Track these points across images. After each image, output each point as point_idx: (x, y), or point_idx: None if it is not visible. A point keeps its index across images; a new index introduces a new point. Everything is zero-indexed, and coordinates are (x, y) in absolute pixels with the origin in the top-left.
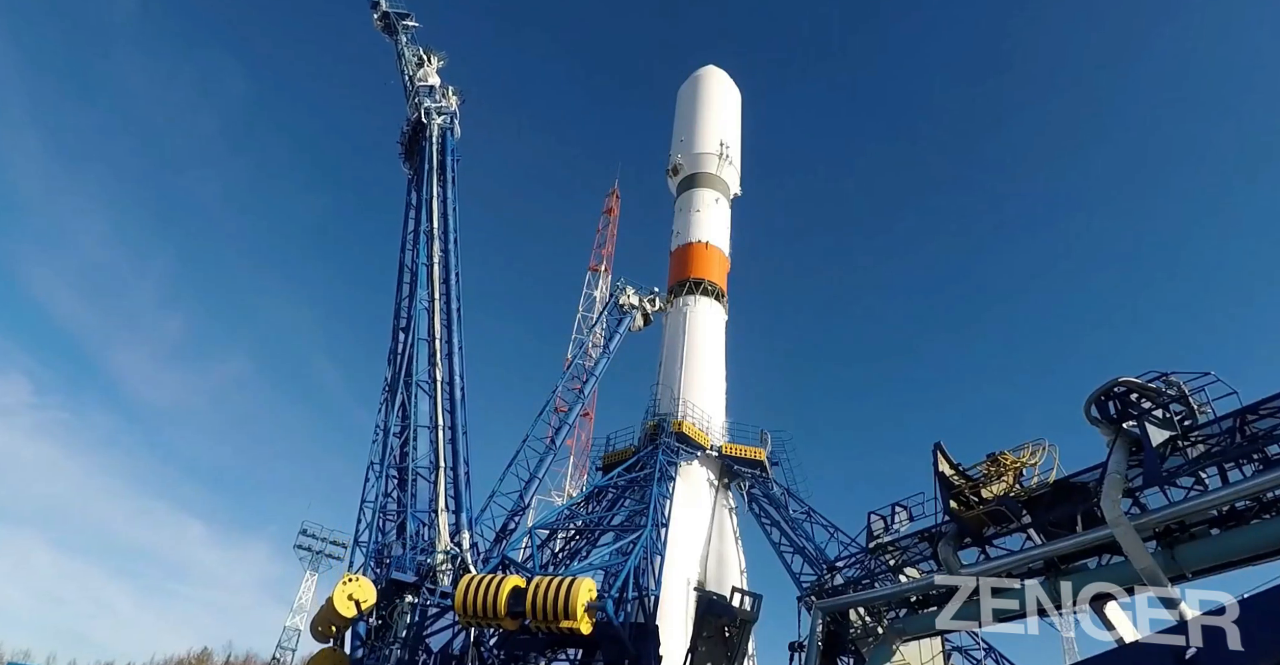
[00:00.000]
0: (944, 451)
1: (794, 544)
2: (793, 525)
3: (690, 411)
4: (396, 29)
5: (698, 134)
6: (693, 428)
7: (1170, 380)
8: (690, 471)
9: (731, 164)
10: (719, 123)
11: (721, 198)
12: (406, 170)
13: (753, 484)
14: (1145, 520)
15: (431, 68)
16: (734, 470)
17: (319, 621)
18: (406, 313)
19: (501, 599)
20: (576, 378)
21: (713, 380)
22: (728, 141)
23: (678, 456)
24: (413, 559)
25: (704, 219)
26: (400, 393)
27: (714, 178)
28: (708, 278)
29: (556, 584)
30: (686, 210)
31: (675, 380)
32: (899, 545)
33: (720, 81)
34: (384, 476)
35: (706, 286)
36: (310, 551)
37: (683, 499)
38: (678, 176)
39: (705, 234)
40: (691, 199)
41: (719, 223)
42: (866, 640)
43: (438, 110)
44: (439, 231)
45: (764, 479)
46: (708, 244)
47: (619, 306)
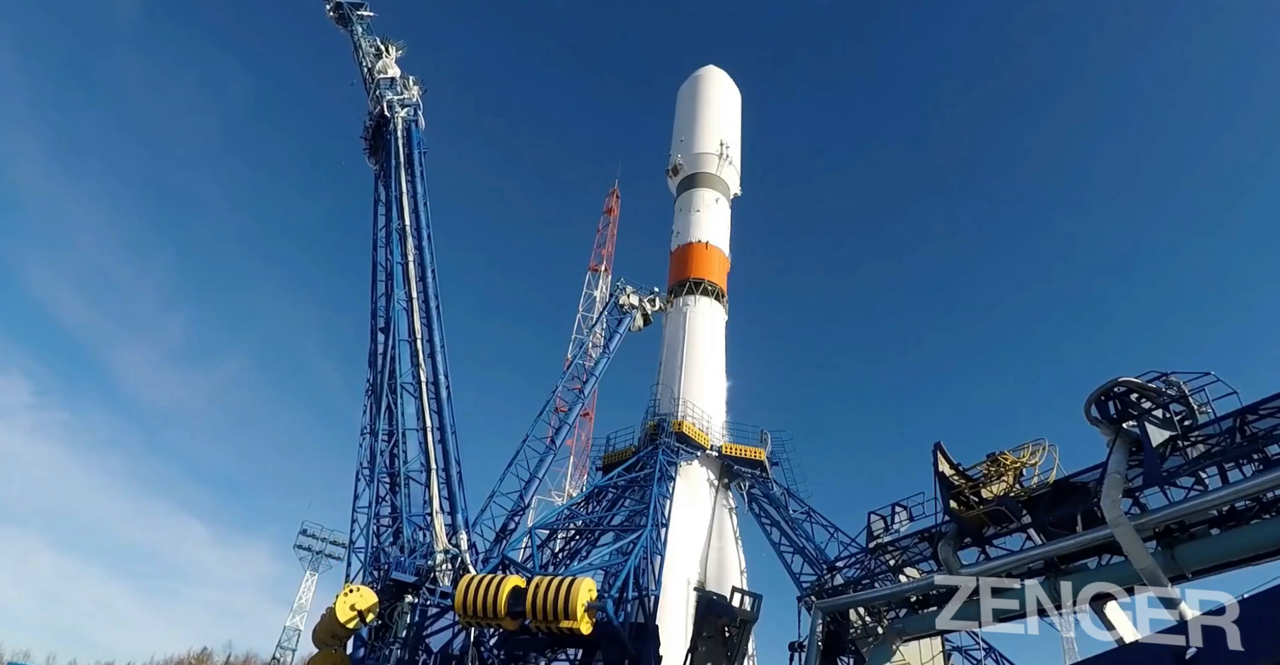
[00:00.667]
0: (944, 452)
1: (794, 544)
2: (793, 525)
3: (690, 411)
4: (351, 19)
5: (697, 134)
6: (692, 428)
7: (1170, 380)
8: (690, 471)
9: (731, 164)
10: (719, 123)
11: (721, 198)
12: (373, 165)
13: (753, 484)
14: (1145, 520)
15: (390, 58)
16: (734, 470)
17: (322, 631)
18: (385, 314)
19: (501, 599)
20: (576, 378)
21: (713, 380)
22: (728, 141)
23: (678, 456)
24: (411, 563)
25: (704, 219)
26: (385, 396)
27: (714, 178)
28: (708, 278)
29: (556, 584)
30: (686, 210)
31: (675, 380)
32: (899, 545)
33: (720, 81)
34: (375, 481)
35: (706, 286)
36: (310, 552)
37: (683, 499)
38: (678, 176)
39: (705, 234)
40: (691, 199)
41: (719, 223)
42: (866, 640)
43: (400, 102)
44: (411, 228)
45: (764, 479)
46: (708, 244)
47: (619, 306)
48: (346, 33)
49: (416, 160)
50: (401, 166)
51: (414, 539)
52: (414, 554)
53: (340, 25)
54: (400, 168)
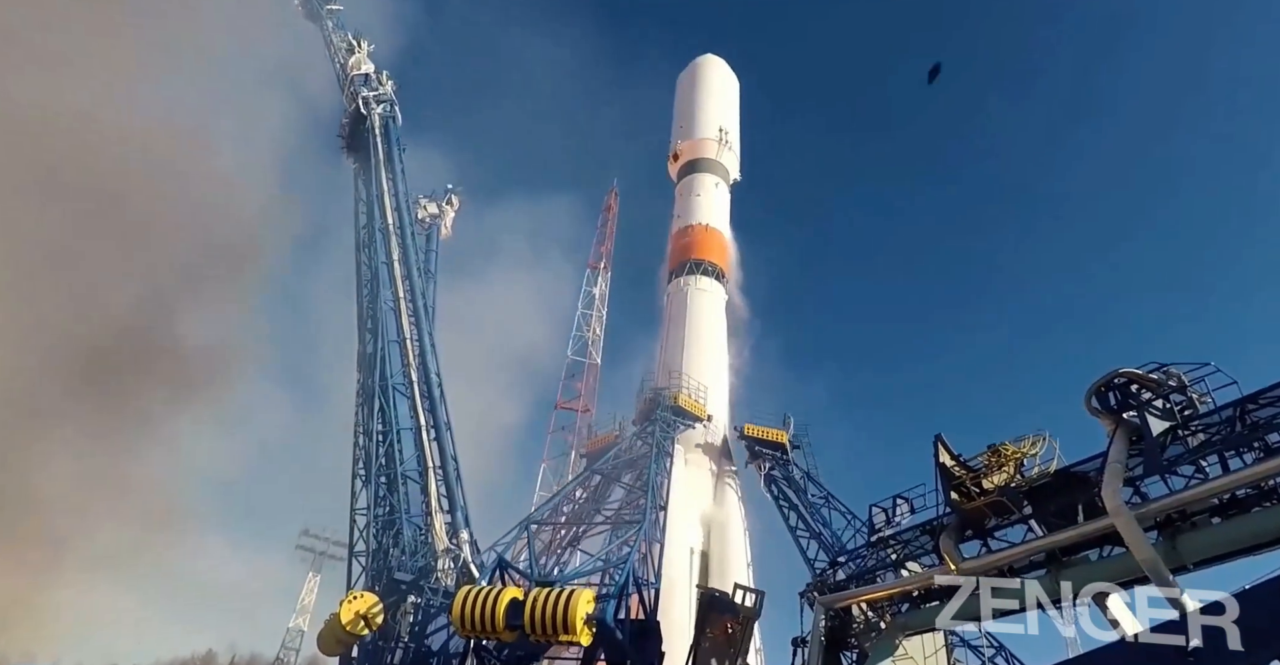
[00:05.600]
0: (945, 443)
1: (810, 529)
2: (811, 509)
3: (688, 385)
4: (320, 14)
5: (697, 120)
6: (689, 399)
7: (1170, 371)
8: (692, 450)
9: (731, 149)
10: (718, 109)
11: (721, 182)
12: (351, 163)
13: (773, 465)
14: (1146, 509)
15: (363, 54)
16: (755, 451)
17: (328, 640)
18: (371, 314)
19: (499, 612)
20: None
21: (715, 357)
22: (727, 127)
23: (674, 430)
24: (413, 564)
25: (704, 203)
26: (377, 397)
27: (714, 163)
28: (708, 258)
29: (555, 596)
30: (687, 194)
31: (677, 359)
32: (900, 538)
33: (719, 69)
34: (372, 482)
35: (707, 267)
36: (313, 552)
37: (684, 486)
38: (678, 162)
39: (705, 217)
40: (692, 184)
41: (719, 206)
42: (869, 635)
43: (376, 98)
44: (394, 226)
45: (785, 461)
46: (708, 226)
47: (419, 222)
48: (316, 28)
49: (396, 157)
50: (381, 164)
51: (414, 539)
52: (415, 554)
53: (310, 21)
54: (380, 165)
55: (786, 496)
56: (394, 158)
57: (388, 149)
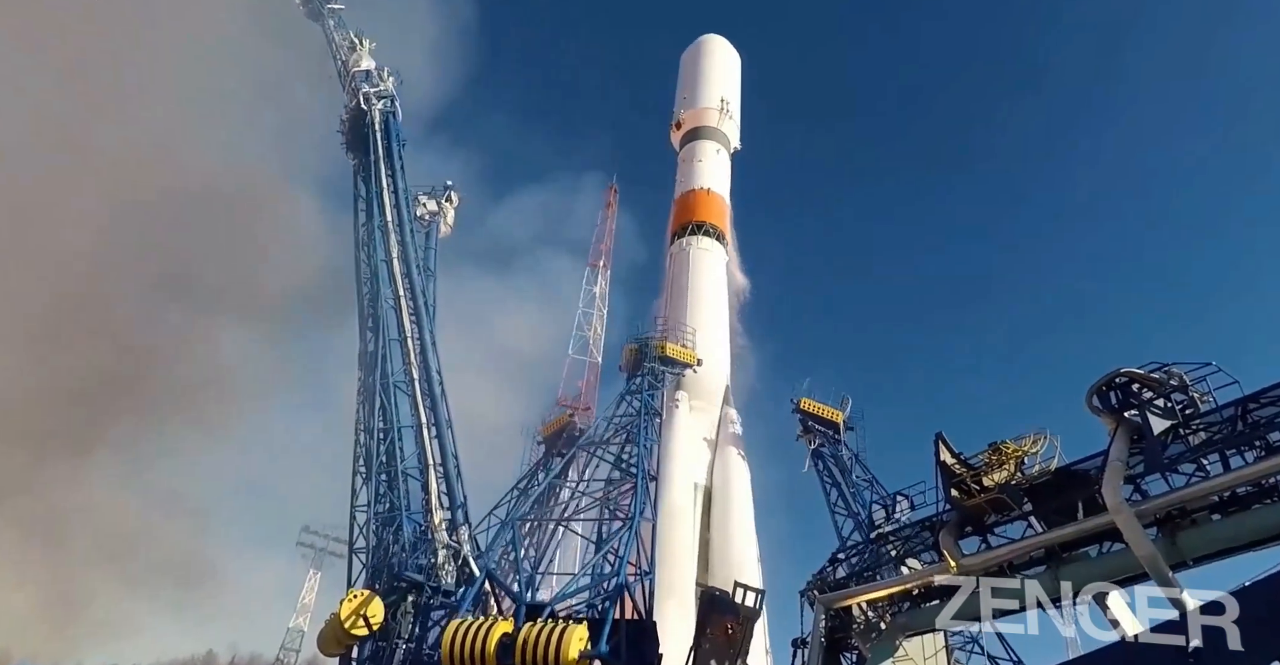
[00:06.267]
0: (945, 441)
1: (849, 508)
2: (854, 490)
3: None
4: (322, 13)
5: (700, 91)
6: (675, 347)
7: (1171, 371)
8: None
9: (731, 118)
10: (720, 80)
11: (722, 149)
12: (351, 160)
13: (823, 442)
14: (1147, 506)
15: (364, 51)
16: (809, 425)
17: (329, 640)
18: (372, 313)
19: (490, 649)
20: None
21: (715, 312)
22: (728, 98)
23: (662, 382)
24: (414, 563)
25: (705, 168)
26: (379, 395)
27: (715, 130)
28: (709, 221)
29: (546, 634)
30: (689, 161)
31: (680, 314)
32: (900, 535)
33: (722, 46)
34: (373, 479)
35: (708, 229)
36: (313, 549)
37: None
38: (680, 131)
39: (707, 182)
40: (694, 151)
41: (720, 172)
42: (869, 636)
43: (377, 95)
44: (394, 224)
45: (836, 440)
46: (709, 190)
47: (419, 220)
48: (319, 26)
49: (396, 153)
50: (380, 161)
51: (414, 535)
52: (415, 551)
53: (312, 20)
54: (379, 162)
55: (832, 474)
56: (394, 154)
57: (387, 145)
